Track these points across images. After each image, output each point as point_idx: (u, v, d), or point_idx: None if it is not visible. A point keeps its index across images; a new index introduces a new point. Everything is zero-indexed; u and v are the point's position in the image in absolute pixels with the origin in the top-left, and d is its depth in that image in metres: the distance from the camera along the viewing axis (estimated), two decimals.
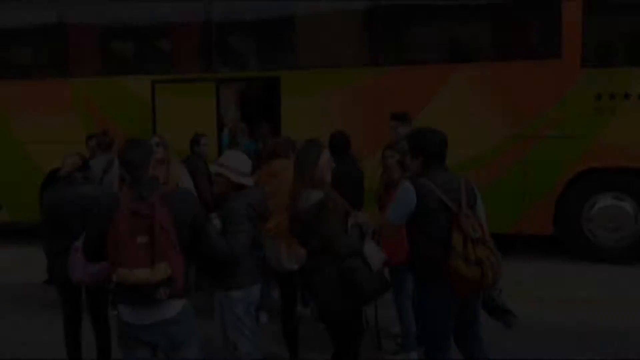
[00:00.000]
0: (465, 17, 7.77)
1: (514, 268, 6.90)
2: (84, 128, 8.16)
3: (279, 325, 4.70)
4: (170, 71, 8.48)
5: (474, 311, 3.62)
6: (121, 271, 3.00)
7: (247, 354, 3.81)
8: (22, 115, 8.78)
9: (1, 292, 6.94)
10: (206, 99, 7.98)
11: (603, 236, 7.28)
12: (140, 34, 9.15)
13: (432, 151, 3.51)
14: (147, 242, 3.00)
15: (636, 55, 7.07)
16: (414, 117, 5.89)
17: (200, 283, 5.44)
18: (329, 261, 3.43)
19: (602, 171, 7.14)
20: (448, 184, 3.45)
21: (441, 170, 3.52)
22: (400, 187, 3.51)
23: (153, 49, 9.29)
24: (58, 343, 4.63)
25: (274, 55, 8.57)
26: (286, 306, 4.64)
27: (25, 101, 8.78)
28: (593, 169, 7.13)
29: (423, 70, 7.58)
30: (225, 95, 8.36)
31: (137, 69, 8.89)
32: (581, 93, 7.02)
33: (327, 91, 7.72)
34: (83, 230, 4.26)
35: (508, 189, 7.25)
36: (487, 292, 3.59)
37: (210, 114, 7.95)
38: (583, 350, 4.77)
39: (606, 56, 7.29)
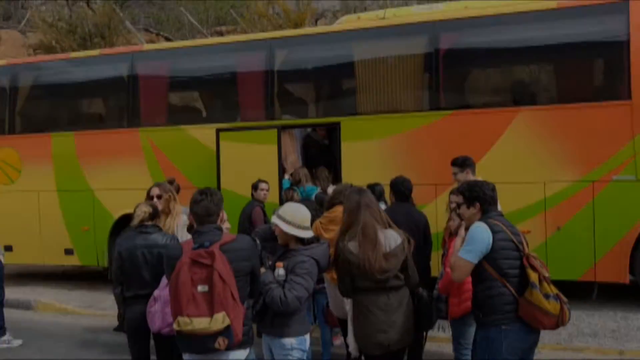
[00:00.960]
0: (529, 60, 7.68)
1: (588, 318, 6.61)
2: (152, 175, 8.45)
3: None
4: (234, 119, 8.71)
5: None
6: (181, 320, 3.06)
7: None
8: (94, 163, 9.16)
9: (70, 336, 7.13)
10: (268, 145, 8.13)
11: None
12: (204, 85, 9.52)
13: (488, 197, 3.59)
14: (207, 291, 3.06)
15: None
16: (476, 162, 5.80)
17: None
18: (407, 294, 3.74)
19: None
20: (511, 226, 3.53)
21: (499, 215, 3.59)
22: (472, 227, 3.52)
23: (217, 99, 9.63)
24: None
25: (334, 102, 8.70)
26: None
27: (98, 150, 9.17)
28: None
29: (486, 114, 7.46)
30: (286, 141, 8.50)
31: (202, 118, 9.20)
32: None
33: (387, 136, 7.72)
34: (153, 278, 4.40)
35: (577, 235, 6.97)
36: None
37: (272, 160, 8.08)
38: None
39: None
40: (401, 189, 5.50)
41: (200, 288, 3.07)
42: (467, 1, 8.00)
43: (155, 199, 5.13)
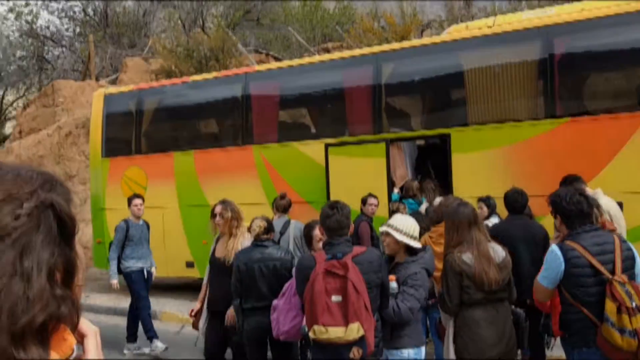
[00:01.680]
0: None
1: None
2: (265, 191, 8.76)
3: None
4: (342, 134, 8.84)
5: None
6: (317, 328, 3.16)
7: None
8: (212, 179, 9.64)
9: (192, 345, 7.49)
10: (376, 159, 8.17)
11: None
12: (312, 101, 9.75)
13: (567, 211, 3.38)
14: (341, 301, 3.14)
15: None
16: (596, 174, 5.47)
17: None
18: (509, 308, 3.72)
19: None
20: (600, 246, 3.28)
21: (590, 231, 3.34)
22: (548, 251, 3.44)
23: (325, 115, 9.82)
24: None
25: (443, 113, 8.59)
26: None
27: (215, 167, 9.65)
28: None
29: (608, 120, 7.02)
30: (394, 155, 8.49)
31: (311, 134, 9.42)
32: None
33: (499, 147, 7.49)
34: (270, 291, 4.56)
35: None
36: None
37: (380, 174, 8.10)
38: None
39: None
40: (515, 201, 5.31)
41: (334, 298, 3.17)
42: (582, 1, 7.63)
43: (218, 217, 5.12)
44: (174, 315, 9.01)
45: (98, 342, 0.93)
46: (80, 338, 0.92)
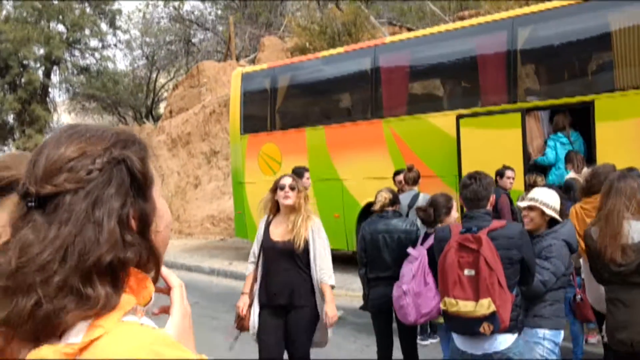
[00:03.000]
0: None
1: None
2: (395, 164, 8.74)
3: None
4: (475, 105, 8.53)
5: None
6: (447, 300, 3.16)
7: None
8: (342, 154, 9.79)
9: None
10: (511, 130, 7.79)
11: None
12: (443, 71, 9.49)
13: None
14: (473, 275, 3.10)
15: None
16: None
17: None
18: None
19: None
20: None
21: None
22: None
23: (456, 85, 9.52)
24: None
25: (586, 79, 7.97)
26: None
27: (345, 142, 9.78)
28: None
29: None
30: (531, 125, 8.04)
31: (442, 106, 9.20)
32: None
33: None
34: (394, 262, 4.59)
35: None
36: None
37: (516, 145, 7.73)
38: None
39: None
40: None
41: (466, 272, 3.15)
42: None
43: (287, 189, 4.12)
44: None
45: (183, 294, 1.00)
46: (168, 290, 1.01)
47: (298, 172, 7.61)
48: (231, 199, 12.84)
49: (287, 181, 4.16)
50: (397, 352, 4.81)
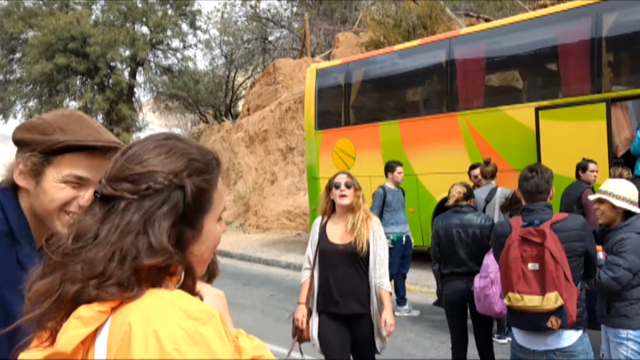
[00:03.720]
0: None
1: None
2: (471, 158, 8.56)
3: None
4: (555, 96, 8.22)
5: None
6: (512, 296, 3.10)
7: None
8: (417, 148, 9.69)
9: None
10: (595, 121, 7.45)
11: None
12: (521, 62, 9.20)
13: None
14: (538, 269, 3.03)
15: None
16: None
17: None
18: None
19: None
20: None
21: None
22: None
23: (535, 76, 9.20)
24: None
25: None
26: None
27: (420, 136, 9.67)
28: None
29: None
30: (617, 116, 7.64)
31: (519, 98, 8.92)
32: None
33: None
34: (469, 257, 4.52)
35: None
36: None
37: (600, 137, 7.39)
38: None
39: None
40: None
41: (530, 266, 3.09)
42: None
43: (343, 188, 3.78)
44: None
45: (216, 302, 1.11)
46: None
47: (390, 166, 7.61)
48: (306, 195, 13.00)
49: (343, 179, 3.83)
50: (472, 350, 4.74)
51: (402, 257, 7.48)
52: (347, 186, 3.78)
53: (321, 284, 3.81)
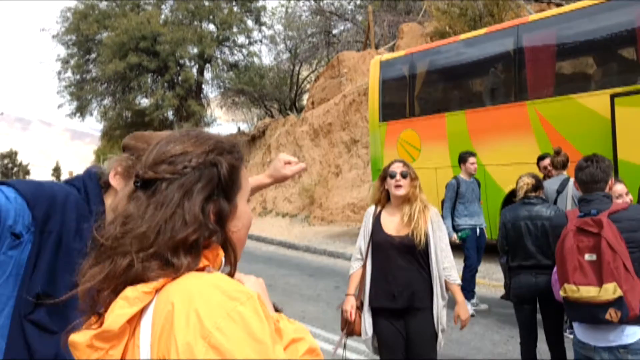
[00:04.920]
0: None
1: None
2: (540, 148, 8.29)
3: None
4: (633, 82, 7.82)
5: None
6: (568, 287, 3.01)
7: None
8: (484, 139, 9.47)
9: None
10: None
11: None
12: (595, 48, 8.80)
13: None
14: (595, 260, 2.93)
15: None
16: None
17: None
18: None
19: None
20: None
21: None
22: None
23: (610, 62, 8.79)
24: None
25: None
26: None
27: (487, 126, 9.45)
28: None
29: None
30: None
31: (593, 85, 8.56)
32: None
33: None
34: (538, 250, 4.40)
35: None
36: None
37: None
38: None
39: None
40: None
41: (587, 256, 2.99)
42: None
43: (399, 177, 3.57)
44: None
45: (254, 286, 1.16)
46: None
47: (462, 157, 7.46)
48: (371, 187, 12.97)
49: (398, 168, 3.60)
50: (542, 345, 4.61)
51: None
52: (403, 175, 3.57)
53: (374, 277, 3.62)
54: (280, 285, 9.14)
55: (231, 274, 1.11)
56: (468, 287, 7.11)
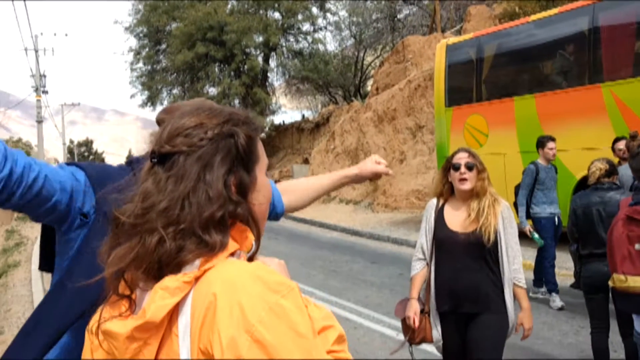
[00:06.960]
0: None
1: None
2: (616, 133, 7.91)
3: None
4: None
5: None
6: (616, 277, 2.92)
7: None
8: (555, 123, 9.11)
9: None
10: None
11: None
12: None
13: None
14: None
15: None
16: None
17: None
18: None
19: None
20: None
21: None
22: None
23: None
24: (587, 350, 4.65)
25: None
26: None
27: (558, 110, 9.09)
28: None
29: None
30: None
31: None
32: None
33: None
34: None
35: None
36: None
37: None
38: None
39: None
40: None
41: (637, 246, 2.87)
42: None
43: (463, 169, 3.22)
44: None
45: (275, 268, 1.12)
46: None
47: (540, 142, 7.13)
48: (435, 174, 12.77)
49: (463, 159, 3.22)
50: (614, 337, 4.43)
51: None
52: (469, 167, 3.20)
53: (439, 279, 3.29)
54: (344, 272, 9.17)
55: (255, 251, 1.09)
56: (551, 279, 6.84)
